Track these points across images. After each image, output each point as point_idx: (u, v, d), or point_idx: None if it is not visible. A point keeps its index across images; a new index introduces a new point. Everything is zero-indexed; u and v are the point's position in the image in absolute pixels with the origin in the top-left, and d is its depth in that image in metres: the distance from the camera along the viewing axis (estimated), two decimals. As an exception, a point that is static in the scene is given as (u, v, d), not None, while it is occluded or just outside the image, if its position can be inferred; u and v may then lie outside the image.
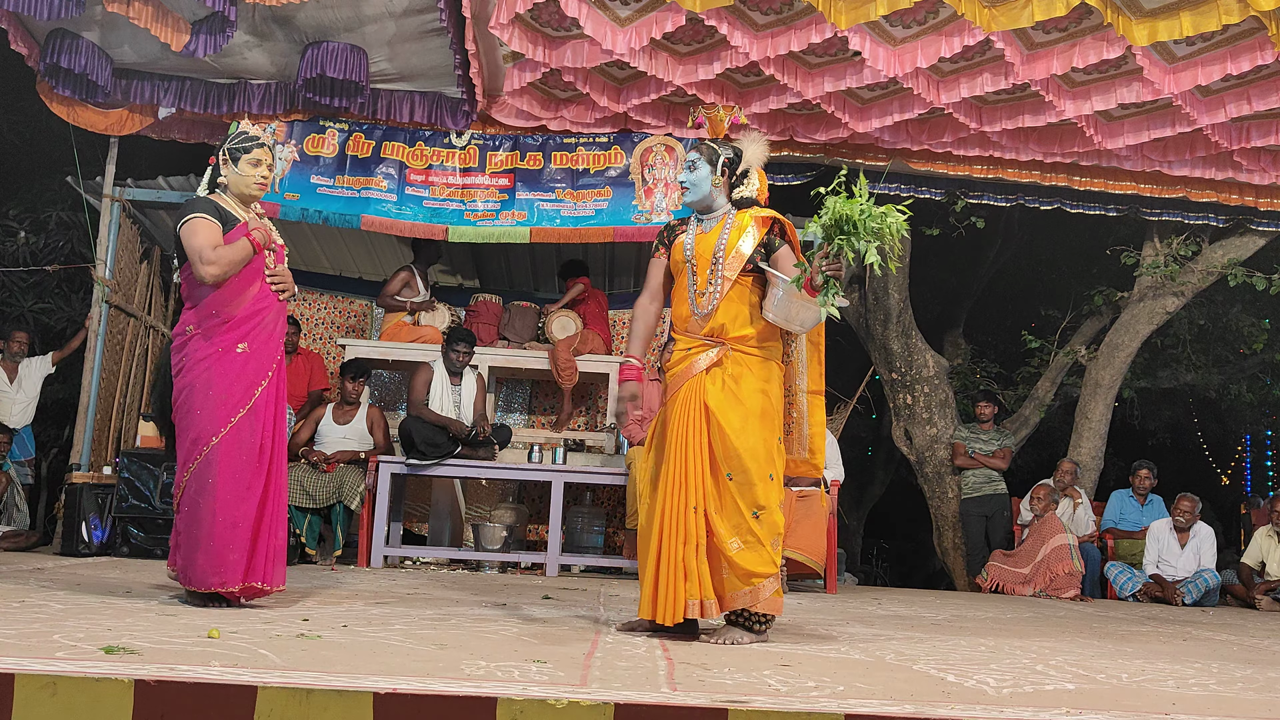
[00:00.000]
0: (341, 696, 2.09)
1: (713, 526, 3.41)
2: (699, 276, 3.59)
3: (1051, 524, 7.29)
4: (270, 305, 3.78)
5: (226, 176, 3.83)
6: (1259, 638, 4.74)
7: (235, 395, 3.63)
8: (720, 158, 3.70)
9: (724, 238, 3.58)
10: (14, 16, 5.99)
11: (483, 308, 8.01)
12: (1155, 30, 5.38)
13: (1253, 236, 8.21)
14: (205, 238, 3.66)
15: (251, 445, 3.65)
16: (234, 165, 3.81)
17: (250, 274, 3.74)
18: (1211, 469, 13.39)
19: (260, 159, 3.82)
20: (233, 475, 3.59)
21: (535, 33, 6.06)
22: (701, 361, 3.53)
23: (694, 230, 3.68)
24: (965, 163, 7.31)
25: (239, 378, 3.65)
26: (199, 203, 3.78)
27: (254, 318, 3.73)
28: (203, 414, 3.60)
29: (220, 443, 3.59)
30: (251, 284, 3.74)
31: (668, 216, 6.94)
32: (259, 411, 3.68)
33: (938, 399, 8.87)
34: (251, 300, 3.72)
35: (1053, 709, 2.34)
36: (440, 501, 7.38)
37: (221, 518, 3.56)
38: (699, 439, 3.47)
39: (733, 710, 2.14)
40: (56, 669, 2.15)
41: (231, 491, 3.58)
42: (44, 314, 8.97)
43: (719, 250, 3.56)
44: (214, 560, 3.55)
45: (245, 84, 6.71)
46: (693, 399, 3.51)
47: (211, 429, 3.59)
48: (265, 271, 3.77)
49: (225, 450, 3.59)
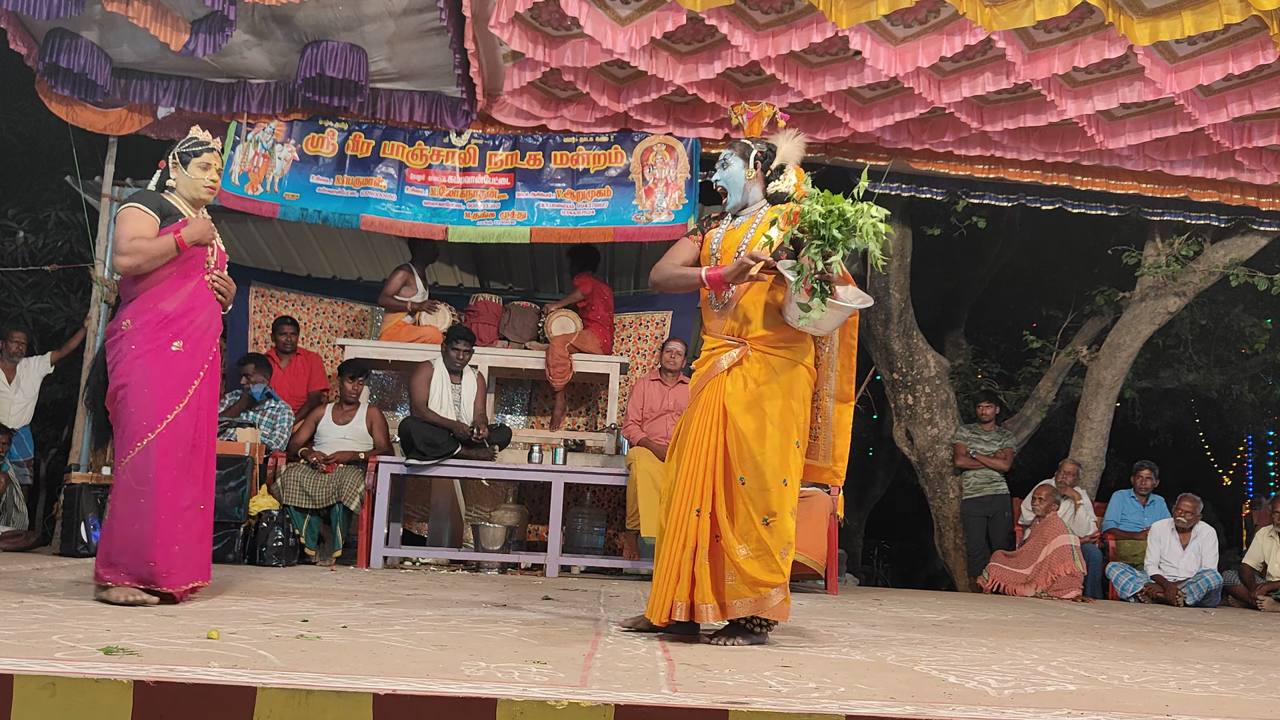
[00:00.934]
0: (341, 698, 2.09)
1: (720, 530, 3.35)
2: None
3: (1053, 525, 7.28)
4: (206, 304, 3.79)
5: (176, 180, 3.87)
6: (1260, 638, 4.73)
7: (171, 392, 3.63)
8: (752, 152, 3.63)
9: (750, 233, 3.52)
10: (13, 16, 5.98)
11: (483, 308, 8.00)
12: (1157, 30, 5.37)
13: (1254, 236, 8.20)
14: (130, 227, 3.68)
15: (187, 442, 3.65)
16: (183, 169, 3.85)
17: (188, 271, 3.76)
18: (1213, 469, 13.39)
19: (209, 163, 3.87)
20: (171, 472, 3.59)
21: (535, 32, 6.05)
22: (723, 361, 3.46)
23: (725, 225, 3.64)
24: (966, 162, 7.30)
25: (175, 374, 3.65)
26: (142, 194, 3.80)
27: (189, 315, 3.74)
28: (139, 410, 3.59)
29: (158, 438, 3.58)
30: (188, 281, 3.75)
31: (668, 216, 6.94)
32: (193, 409, 3.68)
33: (939, 399, 8.85)
34: (187, 297, 3.73)
35: (1054, 710, 2.34)
36: (440, 502, 7.37)
37: (163, 514, 3.55)
38: (714, 440, 3.40)
39: (733, 711, 2.13)
40: (55, 669, 2.15)
41: (171, 488, 3.58)
42: (43, 314, 8.97)
43: (743, 245, 3.49)
44: (157, 556, 3.53)
45: (244, 83, 6.70)
46: (713, 400, 3.44)
47: (149, 425, 3.58)
48: (206, 273, 3.79)
49: (163, 446, 3.58)
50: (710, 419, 3.41)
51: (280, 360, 7.61)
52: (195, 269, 3.79)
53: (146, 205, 3.75)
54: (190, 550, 3.67)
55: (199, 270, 3.79)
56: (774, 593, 3.32)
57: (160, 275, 3.71)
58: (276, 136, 6.90)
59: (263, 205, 6.88)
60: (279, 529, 6.15)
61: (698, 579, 3.33)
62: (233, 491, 6.10)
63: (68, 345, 7.83)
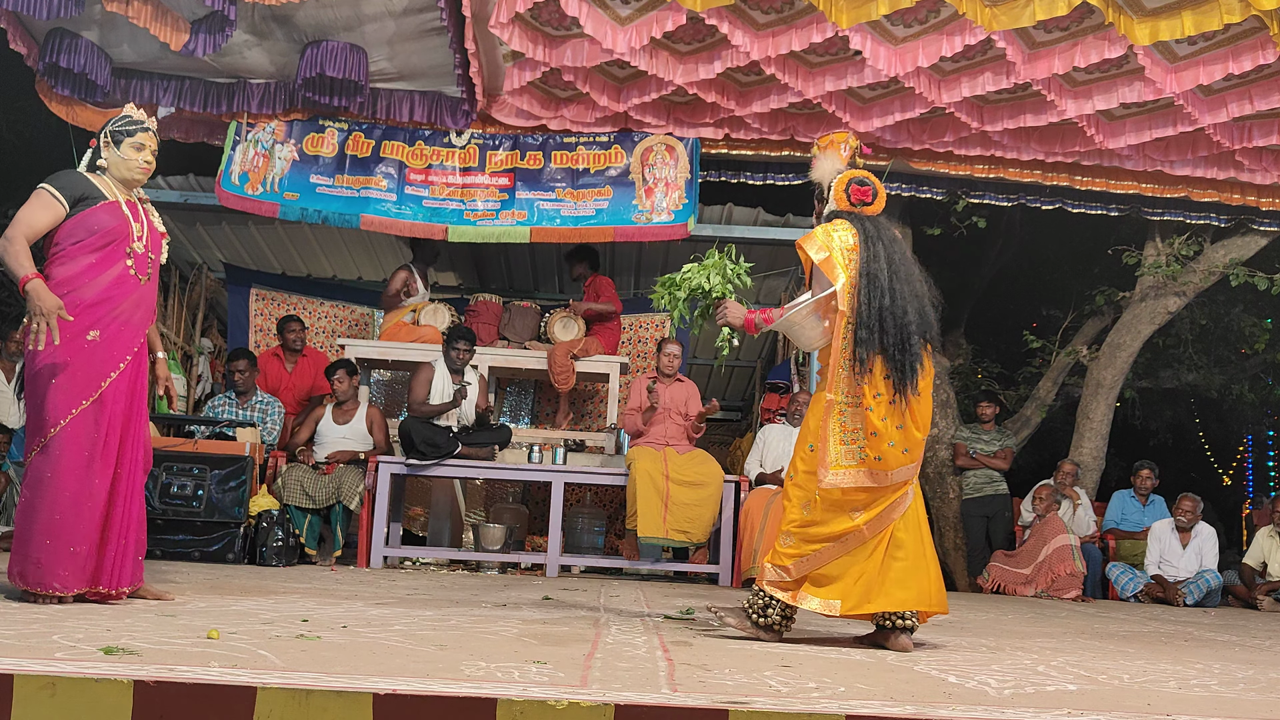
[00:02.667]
0: (341, 697, 2.09)
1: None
2: None
3: (1053, 524, 7.28)
4: (128, 293, 3.56)
5: (107, 159, 3.67)
6: (1261, 638, 4.73)
7: (80, 384, 3.43)
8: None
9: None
10: (13, 16, 5.99)
11: (483, 308, 8.00)
12: (1157, 30, 5.37)
13: (1254, 236, 8.20)
14: (27, 211, 3.49)
15: (96, 438, 3.44)
16: (115, 148, 3.67)
17: (109, 256, 3.54)
18: (1213, 469, 13.39)
19: (144, 143, 3.69)
20: (74, 470, 3.39)
21: (535, 32, 6.05)
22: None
23: None
24: (966, 162, 7.31)
25: (86, 365, 3.44)
26: (60, 176, 3.59)
27: (107, 303, 3.52)
28: (46, 401, 3.40)
29: (61, 433, 3.39)
30: (108, 268, 3.53)
31: (668, 216, 6.94)
32: (107, 403, 3.48)
33: (939, 399, 8.85)
34: (108, 285, 3.52)
35: (1054, 710, 2.33)
36: (440, 502, 7.37)
37: (61, 515, 3.37)
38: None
39: (733, 711, 2.13)
40: (56, 669, 2.15)
41: (72, 487, 3.39)
42: (43, 314, 8.96)
43: None
44: (48, 559, 3.37)
45: (244, 83, 6.71)
46: None
47: (53, 418, 3.39)
48: (128, 258, 3.57)
49: (67, 441, 3.39)
50: None
51: (287, 360, 7.58)
52: (115, 254, 3.56)
53: (58, 189, 3.54)
54: (99, 557, 3.47)
55: (119, 256, 3.56)
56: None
57: (78, 259, 3.50)
58: (276, 136, 6.90)
59: (263, 205, 6.89)
60: (279, 529, 6.15)
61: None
62: (233, 491, 6.10)
63: (67, 345, 7.80)
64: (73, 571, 3.43)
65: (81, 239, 3.53)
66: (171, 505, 6.04)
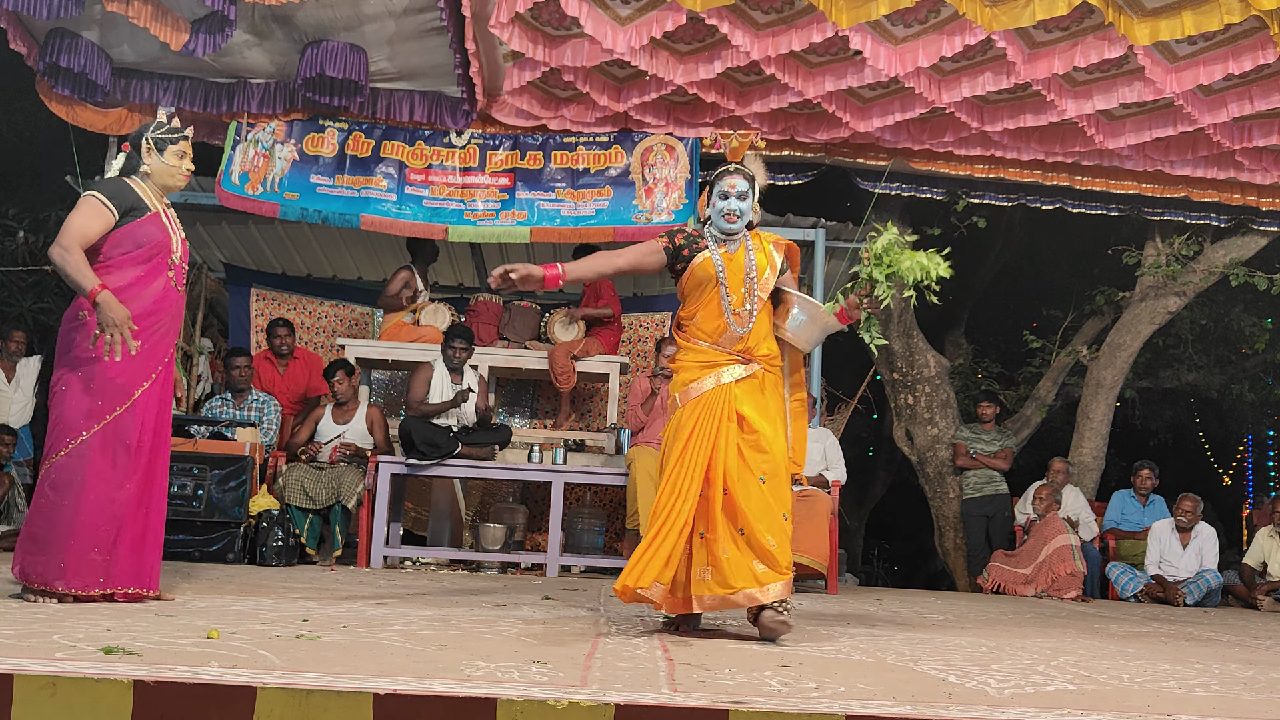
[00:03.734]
0: (341, 697, 2.09)
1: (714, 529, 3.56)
2: (733, 295, 3.68)
3: (1053, 524, 7.28)
4: (170, 305, 3.62)
5: (150, 165, 3.69)
6: (1261, 638, 4.73)
7: (115, 391, 3.47)
8: (755, 181, 3.83)
9: (751, 258, 3.72)
10: (13, 16, 5.98)
11: (483, 308, 8.00)
12: (1157, 29, 5.37)
13: (1254, 236, 8.20)
14: (80, 219, 3.48)
15: (128, 444, 3.49)
16: (159, 154, 3.69)
17: (156, 268, 3.59)
18: (1213, 469, 13.39)
19: (185, 151, 3.74)
20: (104, 474, 3.42)
21: (535, 32, 6.05)
22: (726, 375, 3.65)
23: (716, 249, 3.75)
24: (966, 162, 7.30)
25: (121, 374, 3.48)
26: (104, 183, 3.60)
27: (153, 316, 3.58)
28: (77, 406, 3.43)
29: (92, 438, 3.42)
30: (154, 280, 3.58)
31: (668, 216, 6.94)
32: (138, 411, 3.52)
33: (939, 399, 8.86)
34: (154, 298, 3.56)
35: (1054, 710, 2.33)
36: (440, 502, 7.37)
37: (88, 518, 3.40)
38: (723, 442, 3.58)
39: (733, 711, 2.13)
40: (56, 669, 2.15)
41: (101, 491, 3.42)
42: (43, 313, 8.97)
43: (751, 271, 3.70)
44: (71, 560, 3.38)
45: (244, 83, 6.70)
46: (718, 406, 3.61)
47: (84, 423, 3.42)
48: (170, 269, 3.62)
49: (98, 446, 3.42)
50: (713, 423, 3.58)
51: (278, 364, 7.54)
52: (160, 267, 3.60)
53: (109, 198, 3.55)
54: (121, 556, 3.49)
55: (163, 268, 3.61)
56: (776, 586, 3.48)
57: (125, 271, 3.52)
58: (276, 136, 6.90)
59: (263, 205, 6.89)
60: (279, 529, 6.15)
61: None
62: (233, 491, 6.10)
63: (68, 345, 7.81)
64: (94, 574, 3.45)
65: (129, 251, 3.56)
66: (171, 505, 6.00)
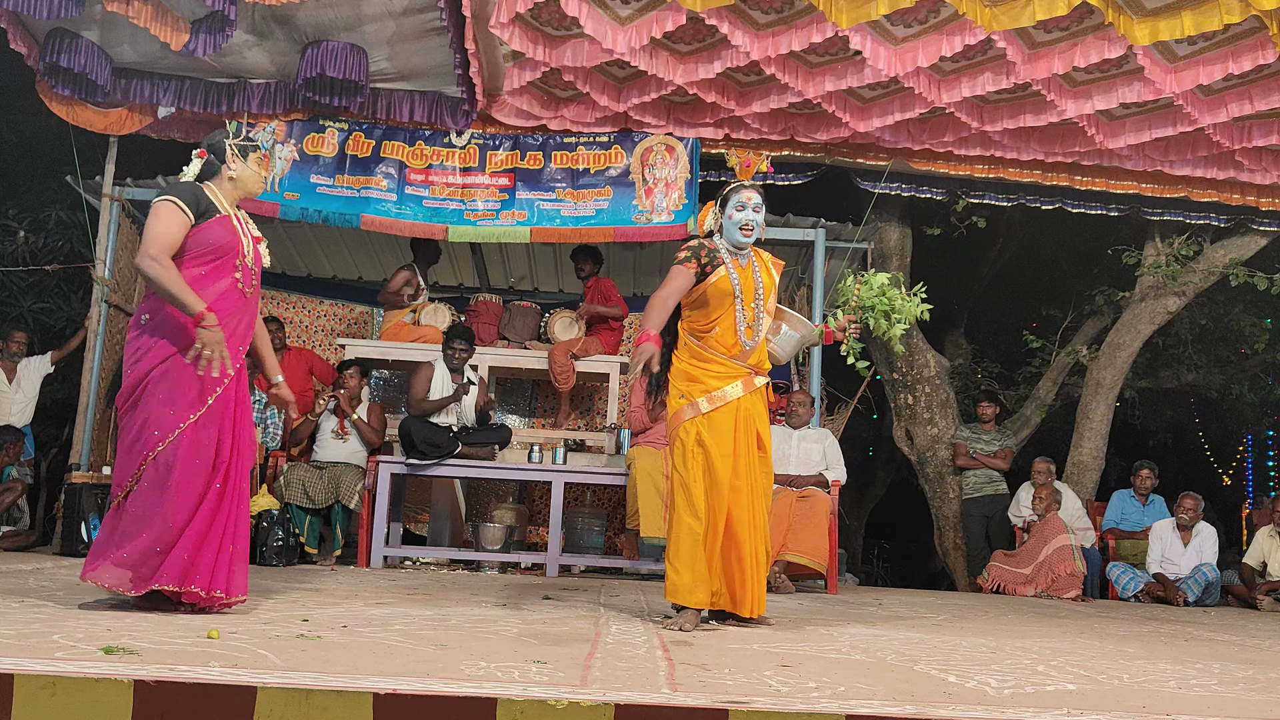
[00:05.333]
0: (341, 697, 2.09)
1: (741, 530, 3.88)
2: (747, 310, 3.88)
3: (1053, 524, 7.28)
4: (232, 306, 3.62)
5: (237, 172, 3.72)
6: (1260, 638, 4.73)
7: (192, 394, 3.48)
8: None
9: (758, 275, 3.92)
10: (14, 16, 5.99)
11: (483, 308, 8.00)
12: (1156, 30, 5.37)
13: (1254, 236, 8.20)
14: (162, 227, 3.48)
15: (209, 446, 3.50)
16: (244, 161, 3.74)
17: (220, 269, 3.60)
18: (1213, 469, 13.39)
19: (263, 159, 3.82)
20: (188, 476, 3.44)
21: (535, 32, 6.05)
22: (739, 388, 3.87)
23: (731, 263, 3.93)
24: (966, 162, 7.31)
25: (195, 378, 3.48)
26: (179, 187, 3.61)
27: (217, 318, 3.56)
28: (159, 410, 3.45)
29: (177, 441, 3.43)
30: (216, 280, 3.58)
31: (668, 216, 6.94)
32: (215, 413, 3.53)
33: (939, 399, 8.86)
34: (217, 298, 3.56)
35: (1054, 710, 2.34)
36: (440, 502, 7.37)
37: (178, 519, 3.42)
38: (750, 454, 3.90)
39: (733, 711, 2.13)
40: (56, 669, 2.15)
41: (186, 493, 3.44)
42: (43, 313, 8.97)
43: (759, 287, 3.90)
44: (166, 560, 3.39)
45: (245, 83, 6.71)
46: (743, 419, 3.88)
47: (168, 426, 3.44)
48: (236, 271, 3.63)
49: (182, 449, 3.44)
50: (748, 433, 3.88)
51: None
52: (226, 268, 3.61)
53: (184, 201, 3.55)
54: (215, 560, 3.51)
55: (229, 270, 3.61)
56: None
57: (189, 269, 3.53)
58: (277, 136, 6.90)
59: (263, 205, 6.88)
60: (279, 529, 6.15)
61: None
62: (233, 491, 6.10)
63: (68, 345, 7.83)
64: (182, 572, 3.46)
65: (197, 252, 3.58)
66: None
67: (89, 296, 7.30)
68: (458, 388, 6.61)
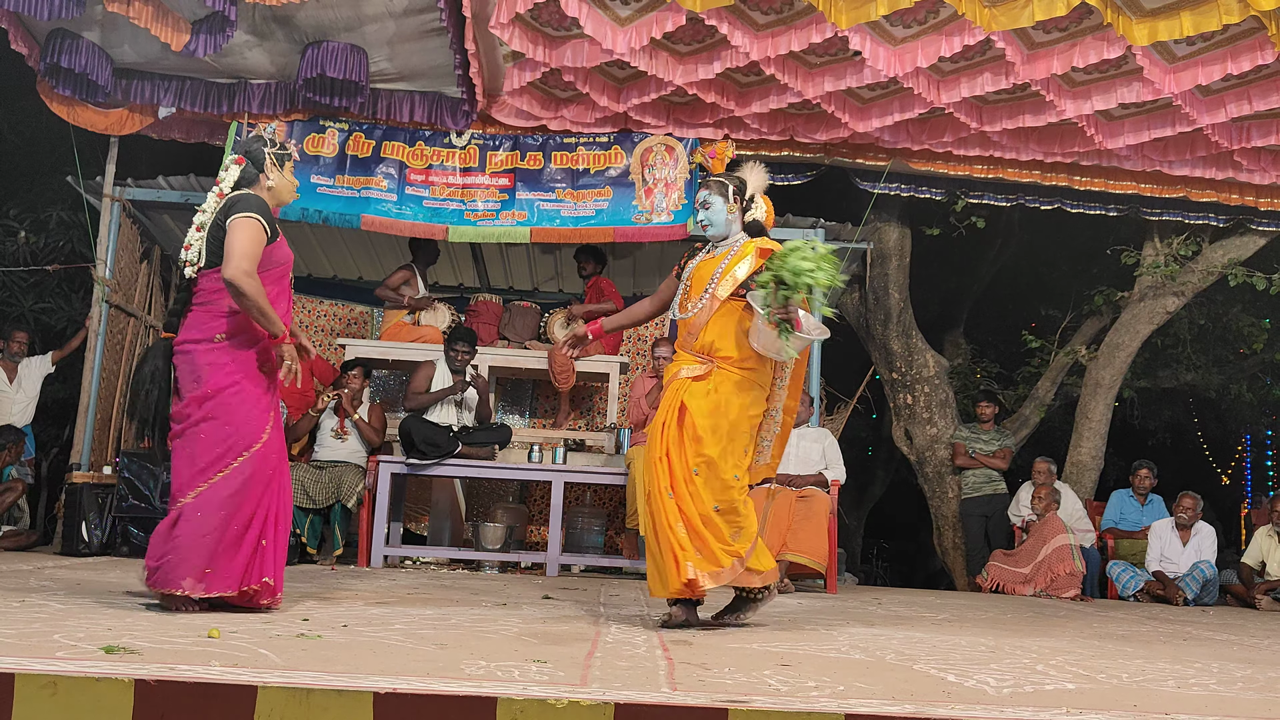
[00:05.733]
0: (341, 696, 2.09)
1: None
2: (691, 297, 3.90)
3: (1053, 524, 7.28)
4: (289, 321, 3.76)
5: (275, 181, 3.75)
6: (1259, 637, 4.74)
7: (265, 405, 3.63)
8: (729, 188, 3.97)
9: (725, 263, 3.88)
10: (14, 16, 5.99)
11: (483, 308, 8.00)
12: (1155, 30, 5.38)
13: (1253, 236, 8.20)
14: (253, 246, 3.52)
15: (279, 452, 3.66)
16: (280, 171, 3.78)
17: (284, 289, 3.74)
18: (1212, 469, 13.40)
19: (292, 168, 3.89)
20: (263, 481, 3.57)
21: (535, 32, 6.06)
22: (685, 372, 3.85)
23: (703, 255, 3.99)
24: (965, 162, 7.31)
25: (268, 389, 3.66)
26: (259, 205, 3.62)
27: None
28: (244, 422, 3.55)
29: (259, 450, 3.56)
30: (284, 297, 3.72)
31: (668, 217, 6.95)
32: (277, 420, 3.71)
33: (938, 399, 8.86)
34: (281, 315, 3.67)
35: (1053, 709, 2.34)
36: (440, 501, 7.37)
37: (255, 523, 3.54)
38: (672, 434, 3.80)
39: (733, 710, 2.14)
40: (56, 669, 2.15)
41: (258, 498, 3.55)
42: (44, 314, 8.98)
43: (716, 273, 3.86)
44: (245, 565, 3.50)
45: (245, 84, 6.71)
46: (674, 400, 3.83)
47: (252, 437, 3.55)
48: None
49: (262, 458, 3.56)
50: (670, 415, 3.80)
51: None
52: (287, 285, 3.74)
53: (265, 220, 3.60)
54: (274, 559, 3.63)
55: (289, 286, 3.76)
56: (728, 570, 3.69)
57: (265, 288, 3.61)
58: (277, 136, 6.90)
59: (263, 205, 6.89)
60: (279, 529, 6.15)
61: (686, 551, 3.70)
62: (233, 491, 6.09)
63: (69, 345, 7.83)
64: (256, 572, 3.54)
65: (268, 270, 3.62)
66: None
67: (90, 297, 7.30)
68: (456, 382, 6.63)
